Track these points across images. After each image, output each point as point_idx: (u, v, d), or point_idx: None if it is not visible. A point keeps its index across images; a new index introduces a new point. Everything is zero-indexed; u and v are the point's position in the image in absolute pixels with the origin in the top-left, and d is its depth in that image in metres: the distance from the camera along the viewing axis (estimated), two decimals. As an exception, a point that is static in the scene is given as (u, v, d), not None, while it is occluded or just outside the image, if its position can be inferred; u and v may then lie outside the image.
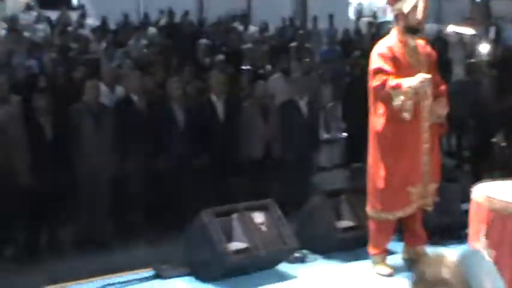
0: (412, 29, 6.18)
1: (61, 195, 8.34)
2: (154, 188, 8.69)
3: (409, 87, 5.89)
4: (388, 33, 6.61)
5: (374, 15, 30.65)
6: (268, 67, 12.69)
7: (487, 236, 5.06)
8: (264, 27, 18.65)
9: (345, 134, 12.40)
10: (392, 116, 6.02)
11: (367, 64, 11.61)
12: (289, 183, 9.71)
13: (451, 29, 21.68)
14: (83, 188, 8.44)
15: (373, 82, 6.04)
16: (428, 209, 6.36)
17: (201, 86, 10.30)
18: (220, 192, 9.02)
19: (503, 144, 9.44)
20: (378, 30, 19.57)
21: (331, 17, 20.10)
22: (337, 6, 26.24)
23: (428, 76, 5.99)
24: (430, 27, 8.15)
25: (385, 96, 5.95)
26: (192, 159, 8.95)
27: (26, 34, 15.61)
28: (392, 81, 5.92)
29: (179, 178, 8.84)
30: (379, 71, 6.02)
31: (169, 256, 6.80)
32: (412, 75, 6.05)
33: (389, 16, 31.62)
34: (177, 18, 20.56)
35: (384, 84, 5.94)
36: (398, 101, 5.89)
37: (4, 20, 19.93)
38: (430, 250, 6.48)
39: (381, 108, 6.07)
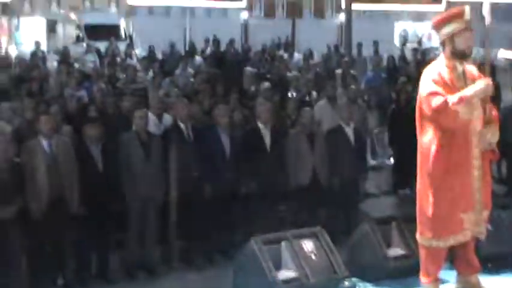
0: (459, 54, 6.09)
1: (111, 223, 8.39)
2: (202, 215, 8.66)
3: (474, 95, 5.83)
4: (433, 59, 6.52)
5: (419, 42, 30.60)
6: (314, 94, 12.67)
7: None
8: (308, 55, 18.66)
9: (392, 160, 12.30)
10: (442, 141, 5.92)
11: (413, 90, 11.61)
12: (337, 210, 9.64)
13: (501, 54, 21.45)
14: (133, 215, 8.48)
15: (433, 103, 5.90)
16: (481, 238, 6.21)
17: (247, 114, 10.31)
18: (268, 219, 8.96)
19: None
20: (424, 57, 19.49)
21: (376, 43, 20.06)
22: (382, 32, 26.32)
23: (489, 80, 5.93)
24: (477, 52, 8.04)
25: (450, 114, 5.82)
26: (239, 186, 8.94)
27: (76, 65, 15.86)
28: (453, 98, 5.81)
29: (227, 205, 8.83)
30: (434, 93, 5.90)
31: (218, 283, 6.76)
32: None
33: (435, 42, 31.60)
34: (223, 47, 20.71)
35: (446, 102, 5.81)
36: (467, 113, 5.79)
37: (56, 52, 20.38)
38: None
39: (429, 134, 5.97)
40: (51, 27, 28.39)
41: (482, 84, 5.88)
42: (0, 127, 8.90)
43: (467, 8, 6.06)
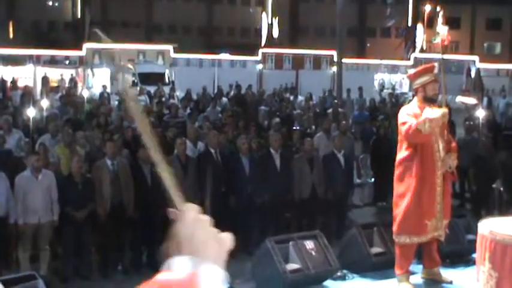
0: (429, 99, 6.11)
1: (158, 224, 8.38)
2: (228, 220, 8.64)
3: (434, 116, 5.86)
4: (404, 101, 6.55)
5: (393, 88, 30.59)
6: (313, 128, 12.67)
7: (491, 260, 4.90)
8: (309, 97, 18.70)
9: (373, 179, 12.26)
10: (413, 164, 5.92)
11: (389, 125, 11.56)
12: (331, 217, 9.61)
13: (458, 99, 21.38)
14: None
15: (403, 128, 5.94)
16: (441, 239, 6.18)
17: (262, 142, 10.33)
18: (278, 223, 8.95)
19: (501, 189, 9.17)
20: (397, 99, 19.48)
21: (360, 89, 20.07)
22: (365, 80, 26.33)
23: (446, 110, 5.95)
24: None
25: (414, 132, 5.84)
26: (255, 198, 8.94)
27: (132, 104, 15.89)
28: (419, 120, 5.87)
29: (246, 212, 8.83)
30: (405, 121, 5.95)
31: (240, 273, 6.73)
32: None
33: (405, 88, 31.62)
34: (243, 91, 20.77)
35: (411, 125, 5.86)
36: (427, 128, 5.81)
37: (117, 93, 20.49)
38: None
39: (405, 158, 5.97)
40: (114, 75, 28.57)
41: (441, 111, 5.91)
42: (77, 151, 8.96)
43: (436, 65, 6.11)
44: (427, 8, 41.01)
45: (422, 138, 5.84)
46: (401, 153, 6.02)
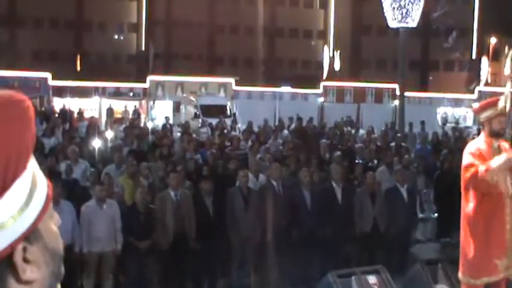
0: (495, 133, 5.93)
1: (219, 255, 8.43)
2: (289, 252, 8.62)
3: (498, 165, 5.60)
4: (468, 135, 6.36)
5: (457, 122, 29.94)
6: (375, 161, 12.51)
7: None
8: (370, 131, 18.49)
9: (436, 214, 11.97)
10: (481, 202, 5.75)
11: (453, 160, 11.29)
12: (392, 252, 9.42)
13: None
14: (236, 251, 8.51)
15: (466, 174, 5.78)
16: (511, 278, 5.95)
17: (323, 175, 10.27)
18: (339, 257, 8.84)
19: None
20: (461, 134, 19.01)
21: (422, 123, 19.73)
22: (428, 114, 25.90)
23: (510, 155, 5.71)
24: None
25: (480, 182, 5.65)
26: (317, 231, 8.86)
27: (194, 136, 16.15)
28: (481, 168, 5.64)
29: (308, 245, 8.76)
30: (470, 165, 5.77)
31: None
32: None
33: (469, 122, 30.87)
34: (304, 123, 20.73)
35: (476, 173, 5.67)
36: (495, 178, 5.60)
37: (179, 125, 20.84)
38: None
39: (471, 196, 5.81)
40: (176, 107, 29.14)
41: (504, 156, 5.69)
42: (141, 181, 9.16)
43: (501, 98, 5.93)
44: (492, 40, 40.26)
45: (489, 188, 5.64)
46: (466, 190, 5.86)
